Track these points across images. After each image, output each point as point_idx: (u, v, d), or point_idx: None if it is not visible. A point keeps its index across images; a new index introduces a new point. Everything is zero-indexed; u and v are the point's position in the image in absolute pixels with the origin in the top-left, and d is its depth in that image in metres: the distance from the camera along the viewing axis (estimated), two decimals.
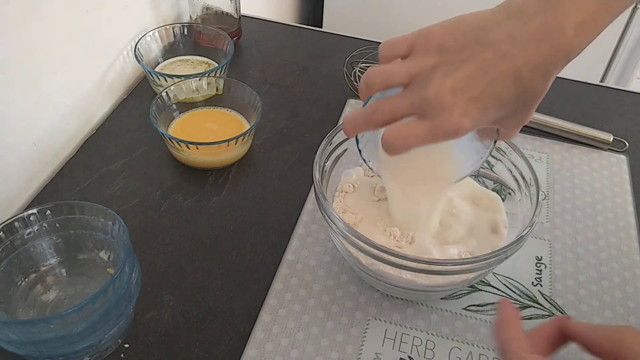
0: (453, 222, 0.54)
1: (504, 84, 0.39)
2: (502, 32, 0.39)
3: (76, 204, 0.49)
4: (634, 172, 0.70)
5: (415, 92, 0.40)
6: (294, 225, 0.61)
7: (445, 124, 0.39)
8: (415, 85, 0.40)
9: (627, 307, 0.56)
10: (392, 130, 0.40)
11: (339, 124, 0.57)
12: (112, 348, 0.50)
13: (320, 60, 0.85)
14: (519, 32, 0.39)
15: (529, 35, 0.38)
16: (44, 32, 0.61)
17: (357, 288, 0.56)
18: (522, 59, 0.38)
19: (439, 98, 0.39)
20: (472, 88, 0.39)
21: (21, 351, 0.42)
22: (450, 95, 0.39)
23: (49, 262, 0.51)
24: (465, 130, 0.39)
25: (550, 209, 0.65)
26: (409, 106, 0.40)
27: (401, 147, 0.40)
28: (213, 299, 0.55)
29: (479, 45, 0.39)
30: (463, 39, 0.40)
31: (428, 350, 0.52)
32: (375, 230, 0.53)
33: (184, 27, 0.79)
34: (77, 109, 0.69)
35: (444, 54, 0.40)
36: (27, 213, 0.48)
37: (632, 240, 0.62)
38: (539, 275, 0.58)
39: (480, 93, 0.39)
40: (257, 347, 0.51)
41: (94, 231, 0.50)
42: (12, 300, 0.48)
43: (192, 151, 0.63)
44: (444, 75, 0.39)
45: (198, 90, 0.71)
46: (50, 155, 0.66)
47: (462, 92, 0.39)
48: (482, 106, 0.39)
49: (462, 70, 0.39)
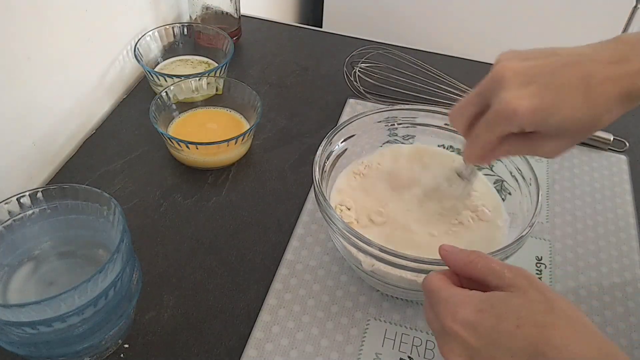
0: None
1: (573, 85, 0.39)
2: (574, 51, 0.41)
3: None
4: (634, 172, 0.70)
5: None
6: (293, 225, 0.61)
7: (502, 102, 0.40)
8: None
9: (627, 307, 0.56)
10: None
11: (339, 124, 0.57)
12: (112, 348, 0.50)
13: (320, 60, 0.85)
14: (595, 51, 0.40)
15: (605, 55, 0.40)
16: (44, 32, 0.61)
17: (357, 288, 0.56)
18: (594, 67, 0.40)
19: (499, 72, 0.42)
20: (540, 77, 0.40)
21: (21, 351, 0.42)
22: (513, 76, 0.41)
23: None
24: (520, 114, 0.40)
25: (550, 209, 0.65)
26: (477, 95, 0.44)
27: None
28: (213, 299, 0.55)
29: (555, 54, 0.42)
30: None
31: (428, 350, 0.52)
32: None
33: (184, 27, 0.79)
34: (77, 109, 0.69)
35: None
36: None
37: (632, 240, 0.62)
38: (539, 275, 0.58)
39: (546, 85, 0.40)
40: (257, 347, 0.51)
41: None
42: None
43: (192, 151, 0.63)
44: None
45: (198, 90, 0.71)
46: (50, 155, 0.66)
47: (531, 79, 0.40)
48: (543, 97, 0.40)
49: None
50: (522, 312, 0.35)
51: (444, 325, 0.37)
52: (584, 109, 0.40)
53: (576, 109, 0.40)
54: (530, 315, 0.35)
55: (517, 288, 0.36)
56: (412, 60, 0.82)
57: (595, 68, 0.40)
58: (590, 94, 0.39)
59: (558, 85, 0.40)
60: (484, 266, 0.39)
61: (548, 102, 0.40)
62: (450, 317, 0.36)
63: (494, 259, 0.39)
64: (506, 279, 0.37)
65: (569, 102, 0.39)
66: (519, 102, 0.40)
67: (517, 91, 0.40)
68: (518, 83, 0.40)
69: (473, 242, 0.53)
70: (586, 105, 0.39)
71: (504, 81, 0.41)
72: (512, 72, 0.41)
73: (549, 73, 0.40)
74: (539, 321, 0.34)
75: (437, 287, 0.39)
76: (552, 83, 0.40)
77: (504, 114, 0.41)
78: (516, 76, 0.41)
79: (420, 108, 0.59)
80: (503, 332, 0.35)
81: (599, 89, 0.39)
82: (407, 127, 0.60)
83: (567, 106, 0.40)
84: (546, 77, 0.40)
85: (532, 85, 0.40)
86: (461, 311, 0.36)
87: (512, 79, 0.41)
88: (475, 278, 0.39)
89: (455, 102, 0.74)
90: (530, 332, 0.34)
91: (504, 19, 1.26)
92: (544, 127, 0.41)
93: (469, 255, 0.40)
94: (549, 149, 0.43)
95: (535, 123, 0.40)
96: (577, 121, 0.40)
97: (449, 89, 0.77)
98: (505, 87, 0.41)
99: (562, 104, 0.40)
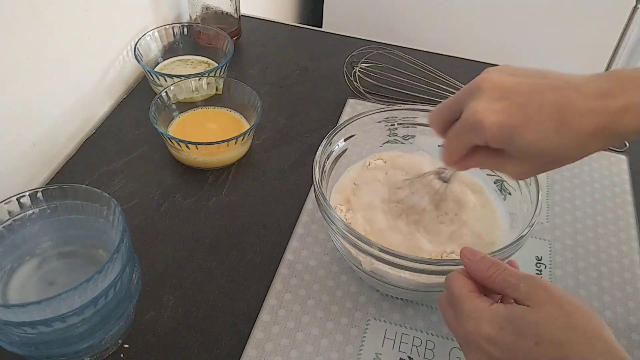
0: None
1: (546, 109, 0.38)
2: (564, 77, 0.40)
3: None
4: (634, 172, 0.70)
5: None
6: (293, 225, 0.61)
7: (470, 111, 0.40)
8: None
9: (627, 307, 0.56)
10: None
11: (339, 124, 0.57)
12: (112, 348, 0.50)
13: (320, 60, 0.85)
14: (583, 82, 0.39)
15: (591, 88, 0.39)
16: (44, 32, 0.61)
17: (357, 288, 0.56)
18: (574, 96, 0.38)
19: (476, 81, 0.41)
20: (515, 95, 0.39)
21: (21, 351, 0.42)
22: (488, 88, 0.40)
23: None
24: (485, 127, 0.39)
25: (550, 209, 0.65)
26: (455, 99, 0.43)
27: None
28: (213, 299, 0.55)
29: (543, 76, 0.40)
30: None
31: (428, 350, 0.52)
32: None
33: (184, 27, 0.79)
34: (77, 108, 0.69)
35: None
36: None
37: (632, 240, 0.62)
38: (539, 276, 0.58)
39: (518, 104, 0.39)
40: (257, 347, 0.51)
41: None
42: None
43: (192, 151, 0.63)
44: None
45: (198, 90, 0.71)
46: (50, 155, 0.66)
47: (506, 95, 0.40)
48: (512, 115, 0.39)
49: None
50: (540, 329, 0.36)
51: (468, 336, 0.39)
52: (551, 137, 0.38)
53: (543, 134, 0.38)
54: (547, 333, 0.36)
55: (533, 301, 0.37)
56: (412, 60, 0.82)
57: (575, 98, 0.38)
58: (562, 123, 0.38)
59: (531, 107, 0.38)
60: (502, 281, 0.40)
61: (515, 121, 0.38)
62: (473, 330, 0.38)
63: (511, 271, 0.40)
64: (522, 292, 0.38)
65: (537, 126, 0.38)
66: (486, 114, 0.39)
67: (488, 103, 0.39)
68: (492, 96, 0.40)
69: (473, 243, 0.53)
70: (555, 133, 0.38)
71: (479, 92, 0.40)
72: (490, 84, 0.40)
73: (526, 92, 0.39)
74: (556, 338, 0.35)
75: (460, 295, 0.40)
76: (525, 103, 0.39)
77: (470, 123, 0.40)
78: (492, 89, 0.40)
79: (420, 108, 0.59)
80: (523, 349, 0.36)
81: (574, 120, 0.38)
82: (407, 127, 0.60)
83: (534, 130, 0.38)
84: (522, 96, 0.39)
85: (504, 101, 0.39)
86: (483, 327, 0.38)
87: (488, 91, 0.40)
88: (495, 291, 0.41)
89: None
90: (548, 350, 0.35)
91: (504, 19, 1.26)
92: (508, 145, 0.40)
93: (487, 270, 0.41)
94: (512, 169, 0.42)
95: (499, 140, 0.39)
96: (541, 148, 0.39)
97: (449, 89, 0.77)
98: (478, 97, 0.40)
99: (529, 126, 0.38)
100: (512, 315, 0.37)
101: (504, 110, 0.39)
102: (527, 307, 0.37)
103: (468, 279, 0.41)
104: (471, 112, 0.40)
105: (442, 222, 0.55)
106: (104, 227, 0.48)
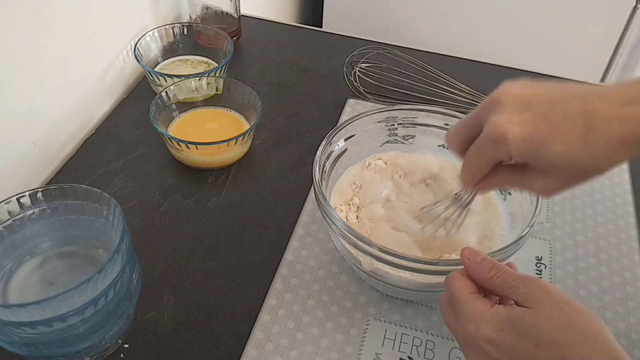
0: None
1: (572, 119, 0.36)
2: (585, 87, 0.38)
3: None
4: (634, 172, 0.70)
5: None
6: (293, 225, 0.61)
7: (492, 125, 0.38)
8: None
9: (627, 307, 0.56)
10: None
11: (339, 124, 0.57)
12: (112, 348, 0.50)
13: (320, 60, 0.85)
14: (605, 89, 0.37)
15: (615, 95, 0.37)
16: (44, 32, 0.61)
17: (357, 288, 0.56)
18: (600, 104, 0.36)
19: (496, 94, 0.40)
20: (538, 106, 0.38)
21: (21, 351, 0.42)
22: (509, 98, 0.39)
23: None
24: (509, 140, 0.37)
25: (550, 209, 0.65)
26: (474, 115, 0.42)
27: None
28: (213, 299, 0.55)
29: (562, 87, 0.39)
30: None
31: (428, 350, 0.52)
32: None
33: (184, 27, 0.79)
34: (76, 108, 0.69)
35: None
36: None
37: (632, 241, 0.62)
38: (539, 276, 0.58)
39: (542, 114, 0.37)
40: (257, 347, 0.51)
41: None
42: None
43: (192, 151, 0.63)
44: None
45: (198, 90, 0.71)
46: (50, 155, 0.66)
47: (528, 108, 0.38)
48: (537, 126, 0.37)
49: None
50: (540, 331, 0.36)
51: (468, 338, 0.39)
52: (579, 147, 0.36)
53: (571, 145, 0.36)
54: (547, 334, 0.36)
55: (533, 303, 0.37)
56: (412, 60, 0.82)
57: (601, 105, 0.36)
58: (590, 132, 0.36)
59: (556, 117, 0.36)
60: (501, 282, 0.40)
61: (541, 133, 0.36)
62: (473, 332, 0.38)
63: (511, 273, 0.40)
64: (521, 294, 0.38)
65: (564, 137, 0.36)
66: (509, 127, 0.37)
67: (510, 116, 0.37)
68: (514, 108, 0.38)
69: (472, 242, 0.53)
70: (583, 143, 0.36)
71: (500, 104, 0.38)
72: (511, 96, 0.38)
73: (548, 102, 0.37)
74: (556, 339, 0.36)
75: (460, 296, 0.40)
76: (550, 113, 0.37)
77: (492, 137, 0.38)
78: (514, 101, 0.38)
79: (420, 108, 0.59)
80: (523, 350, 0.36)
81: (601, 128, 0.36)
82: (407, 127, 0.60)
83: (561, 140, 0.36)
84: (545, 106, 0.37)
85: (528, 112, 0.37)
86: (484, 329, 0.38)
87: (509, 103, 0.38)
88: (494, 293, 0.41)
89: (455, 102, 0.74)
90: (548, 351, 0.36)
91: (504, 19, 1.26)
92: (534, 159, 0.38)
93: (488, 272, 0.41)
94: (540, 186, 0.40)
95: (525, 153, 0.37)
96: (570, 159, 0.37)
97: (449, 89, 0.77)
98: (499, 110, 0.38)
99: (556, 137, 0.36)
100: (512, 317, 0.37)
101: (527, 121, 0.37)
102: (526, 308, 0.37)
103: (468, 280, 0.41)
104: (493, 126, 0.38)
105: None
106: (104, 227, 0.48)
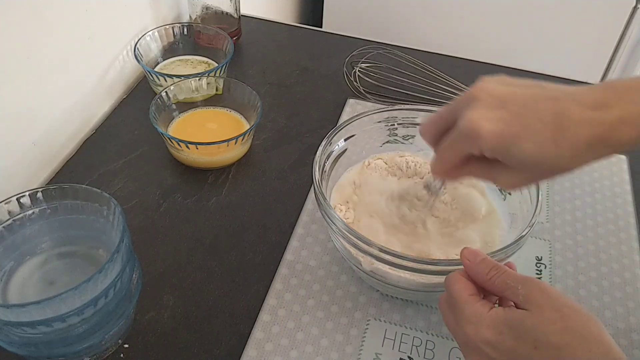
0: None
1: (543, 119, 0.38)
2: (560, 88, 0.40)
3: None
4: (634, 172, 0.70)
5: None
6: (293, 225, 0.61)
7: (466, 120, 0.39)
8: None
9: (627, 307, 0.56)
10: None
11: (339, 124, 0.57)
12: (112, 348, 0.50)
13: (320, 60, 0.85)
14: (579, 93, 0.39)
15: (587, 98, 0.38)
16: (44, 32, 0.61)
17: (357, 288, 0.56)
18: (571, 106, 0.38)
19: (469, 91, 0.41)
20: (512, 104, 0.39)
21: (21, 351, 0.42)
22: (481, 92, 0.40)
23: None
24: (482, 136, 0.39)
25: (550, 209, 0.65)
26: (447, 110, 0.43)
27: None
28: (213, 299, 0.55)
29: (539, 86, 0.40)
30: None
31: (428, 350, 0.52)
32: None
33: (184, 27, 0.79)
34: (76, 108, 0.69)
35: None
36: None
37: (632, 240, 0.62)
38: (539, 276, 0.58)
39: (515, 113, 0.38)
40: (257, 347, 0.51)
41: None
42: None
43: (192, 151, 0.63)
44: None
45: (198, 90, 0.71)
46: (50, 155, 0.66)
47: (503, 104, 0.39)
48: (509, 124, 0.39)
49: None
50: (539, 333, 0.36)
51: (467, 340, 0.39)
52: (549, 147, 0.38)
53: (540, 145, 0.38)
54: (546, 337, 0.36)
55: (532, 305, 0.37)
56: (412, 60, 0.82)
57: (572, 108, 0.38)
58: (560, 133, 0.37)
59: (528, 116, 0.38)
60: (501, 283, 0.40)
61: (513, 131, 0.38)
62: (473, 334, 0.38)
63: (510, 274, 0.40)
64: (520, 295, 0.38)
65: (535, 136, 0.38)
66: (483, 123, 0.38)
67: (484, 112, 0.39)
68: (488, 105, 0.39)
69: (472, 242, 0.53)
70: (553, 143, 0.37)
71: (476, 101, 0.40)
72: (487, 93, 0.40)
73: (522, 102, 0.39)
74: (555, 342, 0.36)
75: (459, 298, 0.40)
76: (523, 113, 0.38)
77: (466, 132, 0.40)
78: (489, 98, 0.39)
79: (420, 108, 0.59)
80: (522, 353, 0.37)
81: (570, 129, 0.37)
82: (407, 127, 0.60)
83: (532, 140, 0.38)
84: (519, 105, 0.39)
85: (501, 110, 0.39)
86: (483, 331, 0.38)
87: (484, 100, 0.39)
88: (494, 294, 0.41)
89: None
90: (547, 354, 0.36)
91: (504, 19, 1.26)
92: (504, 155, 0.39)
93: (488, 273, 0.41)
94: (506, 179, 0.41)
95: (496, 149, 0.39)
96: (539, 158, 0.38)
97: (449, 89, 0.77)
98: (474, 106, 0.40)
99: (527, 136, 0.38)
100: (511, 320, 0.37)
101: (501, 119, 0.38)
102: (525, 311, 0.37)
103: (468, 281, 0.41)
104: (467, 121, 0.39)
105: (443, 224, 0.55)
106: (104, 227, 0.48)
